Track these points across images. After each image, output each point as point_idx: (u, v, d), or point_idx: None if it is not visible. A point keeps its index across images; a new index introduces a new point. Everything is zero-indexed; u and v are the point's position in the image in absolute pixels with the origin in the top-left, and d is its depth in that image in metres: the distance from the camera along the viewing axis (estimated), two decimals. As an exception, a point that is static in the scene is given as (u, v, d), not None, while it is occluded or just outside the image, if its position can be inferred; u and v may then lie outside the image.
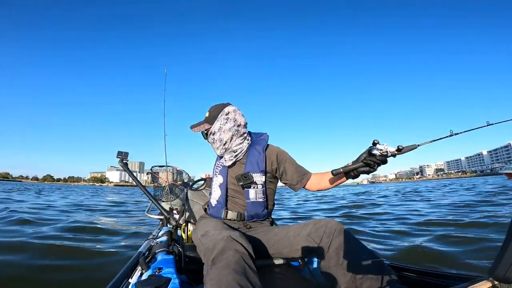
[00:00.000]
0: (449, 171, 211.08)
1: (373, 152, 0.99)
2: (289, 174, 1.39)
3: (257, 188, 1.36)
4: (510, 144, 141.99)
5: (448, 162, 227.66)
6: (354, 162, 1.06)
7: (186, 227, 1.55)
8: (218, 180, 1.44)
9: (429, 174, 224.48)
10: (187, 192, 1.69)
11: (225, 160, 1.42)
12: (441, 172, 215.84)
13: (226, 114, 1.40)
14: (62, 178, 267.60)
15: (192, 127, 1.45)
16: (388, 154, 0.99)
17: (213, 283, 0.84)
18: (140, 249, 1.38)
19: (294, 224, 1.29)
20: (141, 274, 1.08)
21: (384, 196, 10.75)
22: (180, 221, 1.69)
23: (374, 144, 1.00)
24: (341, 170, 1.08)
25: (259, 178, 1.35)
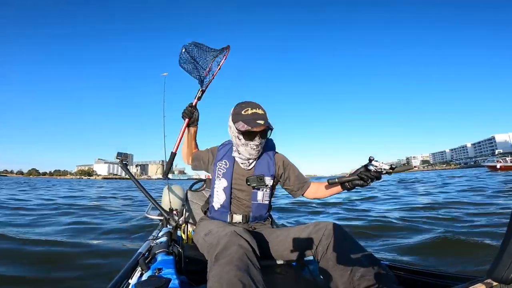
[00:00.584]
0: (434, 163, 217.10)
1: (369, 167, 1.10)
2: (292, 181, 1.46)
3: (265, 190, 1.40)
4: (494, 137, 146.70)
5: (434, 154, 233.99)
6: (350, 175, 1.16)
7: (186, 228, 1.56)
8: (221, 183, 1.42)
9: (415, 166, 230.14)
10: (187, 193, 1.68)
11: (248, 162, 1.41)
12: (427, 164, 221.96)
13: None
14: (48, 172, 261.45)
15: (268, 125, 1.29)
16: (383, 172, 1.09)
17: (215, 280, 0.85)
18: (140, 250, 1.37)
19: (294, 226, 1.32)
20: (141, 275, 1.08)
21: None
22: (180, 221, 1.69)
23: (370, 160, 1.10)
24: (337, 180, 1.20)
25: (269, 181, 1.40)
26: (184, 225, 1.58)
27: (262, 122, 1.27)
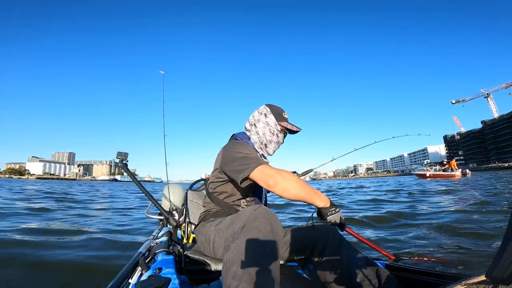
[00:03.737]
0: (377, 170, 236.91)
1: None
2: None
3: None
4: (427, 149, 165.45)
5: (377, 162, 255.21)
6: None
7: (186, 228, 1.56)
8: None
9: (361, 173, 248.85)
10: (187, 193, 1.67)
11: (267, 159, 1.44)
12: (371, 171, 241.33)
13: None
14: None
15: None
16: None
17: (237, 253, 0.86)
18: (140, 250, 1.36)
19: (291, 228, 1.37)
20: (141, 275, 1.08)
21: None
22: (180, 221, 1.68)
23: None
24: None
25: None
26: (184, 224, 1.58)
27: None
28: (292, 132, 1.44)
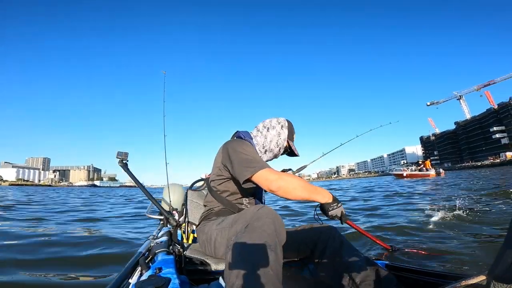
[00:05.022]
0: (359, 171, 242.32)
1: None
2: None
3: None
4: (404, 149, 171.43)
5: (358, 163, 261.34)
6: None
7: (186, 228, 1.56)
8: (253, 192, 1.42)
9: (343, 174, 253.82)
10: (187, 192, 1.67)
11: None
12: (353, 172, 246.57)
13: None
14: None
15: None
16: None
17: (241, 252, 0.86)
18: (140, 249, 1.36)
19: (291, 228, 1.38)
20: (141, 274, 1.08)
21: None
22: (180, 221, 1.68)
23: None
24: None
25: None
26: (184, 224, 1.57)
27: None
28: (292, 154, 1.49)
